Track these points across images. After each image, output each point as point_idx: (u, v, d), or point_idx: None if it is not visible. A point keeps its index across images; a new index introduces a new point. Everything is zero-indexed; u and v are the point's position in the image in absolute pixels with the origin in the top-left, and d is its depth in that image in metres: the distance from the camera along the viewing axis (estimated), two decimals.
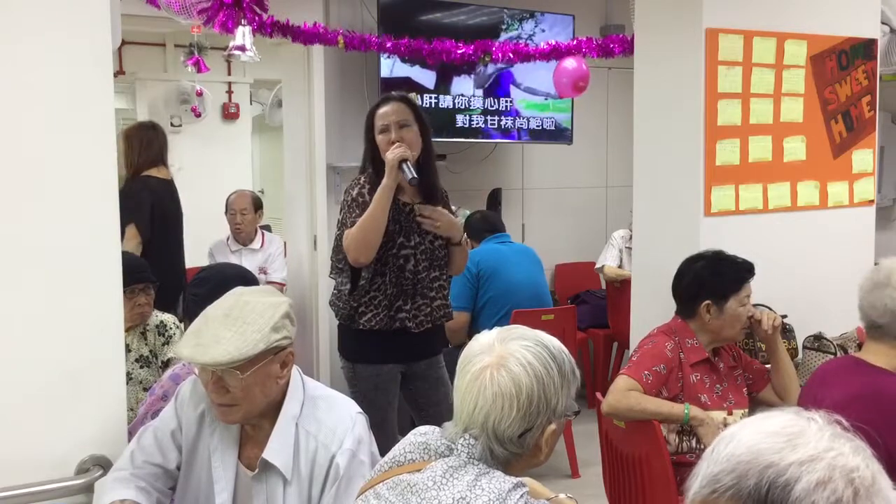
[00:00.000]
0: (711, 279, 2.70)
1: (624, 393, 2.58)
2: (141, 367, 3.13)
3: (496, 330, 1.51)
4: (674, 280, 2.79)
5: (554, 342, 1.50)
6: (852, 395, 2.20)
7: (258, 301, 1.80)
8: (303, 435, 1.82)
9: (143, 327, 3.15)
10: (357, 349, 3.01)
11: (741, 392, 2.77)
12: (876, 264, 2.52)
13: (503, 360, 1.43)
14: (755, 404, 2.80)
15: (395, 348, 2.97)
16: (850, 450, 0.93)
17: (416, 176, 2.84)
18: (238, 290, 1.84)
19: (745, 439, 0.96)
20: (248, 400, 1.77)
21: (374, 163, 2.97)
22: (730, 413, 2.69)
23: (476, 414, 1.42)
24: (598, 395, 2.79)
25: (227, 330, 1.73)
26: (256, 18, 3.91)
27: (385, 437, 2.74)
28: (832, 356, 2.84)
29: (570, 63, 4.80)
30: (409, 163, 2.84)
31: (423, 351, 3.04)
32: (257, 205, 5.20)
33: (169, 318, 3.24)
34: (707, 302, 2.67)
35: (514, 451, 1.43)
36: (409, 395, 3.11)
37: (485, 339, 1.49)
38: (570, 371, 1.48)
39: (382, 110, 2.93)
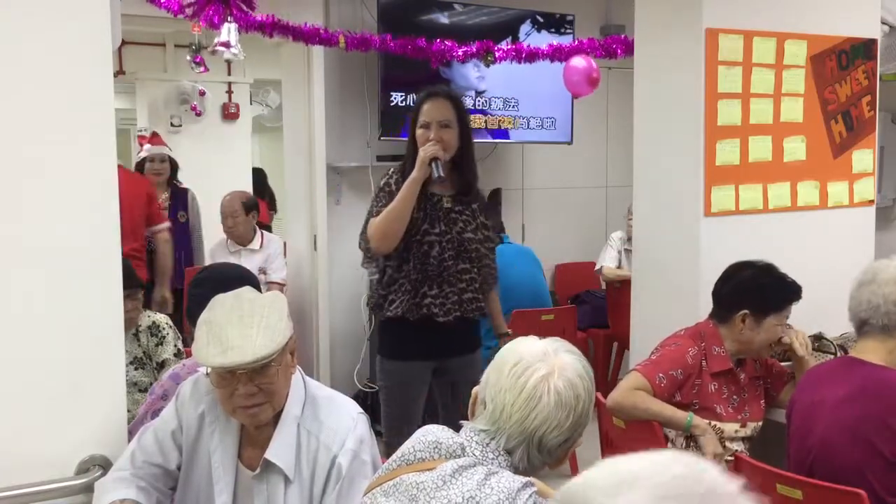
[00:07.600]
0: (756, 291, 2.62)
1: (631, 391, 2.56)
2: (135, 368, 3.11)
3: (539, 340, 1.52)
4: (717, 283, 2.71)
5: None
6: (855, 390, 2.21)
7: (260, 297, 1.84)
8: (304, 435, 1.82)
9: (135, 329, 3.13)
10: (386, 343, 3.08)
11: (758, 403, 2.70)
12: None
13: (562, 370, 1.46)
14: (774, 405, 2.75)
15: (423, 343, 2.98)
16: None
17: (442, 175, 2.90)
18: (231, 294, 1.84)
19: None
20: (276, 393, 1.80)
21: (412, 155, 3.01)
22: (744, 425, 2.63)
23: (528, 422, 1.43)
24: (599, 395, 2.78)
25: (250, 328, 1.74)
26: (244, 16, 3.91)
27: (409, 425, 2.70)
28: (832, 356, 2.83)
29: (578, 61, 4.78)
30: (439, 161, 2.89)
31: (455, 347, 3.03)
32: (249, 206, 5.07)
33: (161, 318, 3.22)
34: (745, 312, 2.59)
35: (546, 460, 1.47)
36: (441, 391, 3.11)
37: (536, 348, 1.49)
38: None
39: (427, 106, 2.98)
